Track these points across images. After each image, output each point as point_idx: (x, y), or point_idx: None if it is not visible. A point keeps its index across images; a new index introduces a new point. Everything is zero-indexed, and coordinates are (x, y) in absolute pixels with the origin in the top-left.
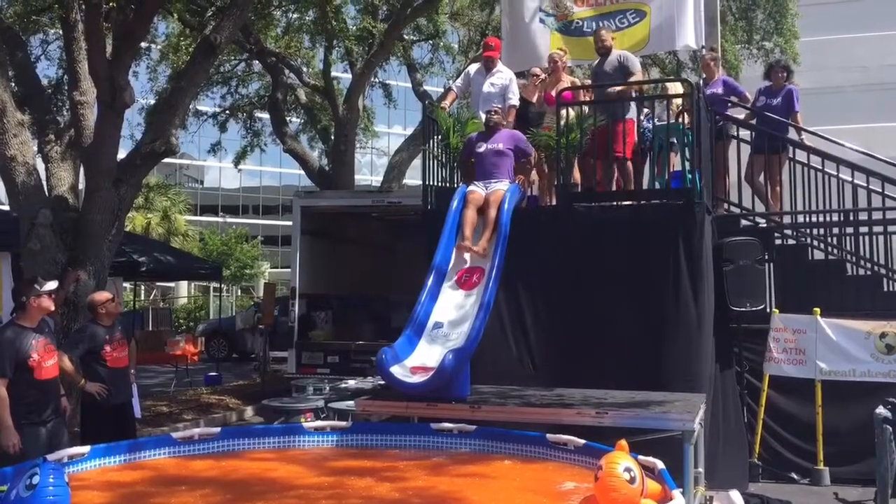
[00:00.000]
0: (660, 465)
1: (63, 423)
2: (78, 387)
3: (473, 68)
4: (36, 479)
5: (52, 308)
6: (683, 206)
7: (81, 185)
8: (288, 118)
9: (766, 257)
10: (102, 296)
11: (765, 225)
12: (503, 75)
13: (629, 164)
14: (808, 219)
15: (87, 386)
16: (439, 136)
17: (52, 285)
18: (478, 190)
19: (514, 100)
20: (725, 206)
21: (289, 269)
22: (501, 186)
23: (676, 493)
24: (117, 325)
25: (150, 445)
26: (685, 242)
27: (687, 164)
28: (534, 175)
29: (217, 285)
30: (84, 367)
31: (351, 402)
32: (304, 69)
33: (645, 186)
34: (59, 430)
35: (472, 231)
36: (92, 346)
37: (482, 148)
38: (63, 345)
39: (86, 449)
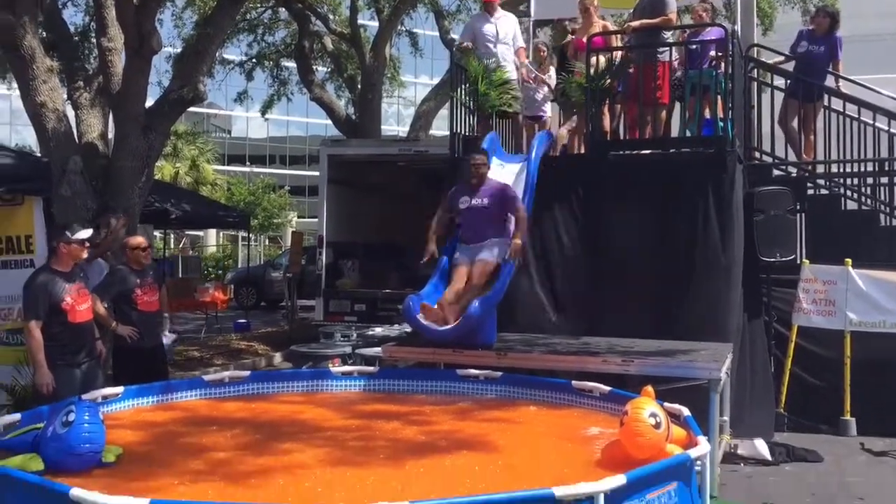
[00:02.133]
0: (685, 412)
1: (98, 365)
2: (110, 329)
3: (474, 18)
4: (72, 417)
5: (83, 256)
6: (715, 155)
7: (111, 133)
8: (315, 67)
9: (798, 207)
10: (136, 240)
11: (797, 174)
12: (509, 19)
13: (664, 111)
14: (841, 168)
15: (118, 329)
16: (467, 84)
17: (84, 233)
18: (463, 266)
19: (521, 41)
20: (758, 154)
21: (316, 219)
22: (489, 257)
23: (702, 438)
24: (149, 269)
25: (181, 387)
26: (716, 191)
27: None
28: (564, 131)
29: (245, 234)
30: (116, 311)
31: (378, 349)
32: (331, 17)
33: (676, 134)
34: (93, 372)
35: (457, 298)
36: (123, 289)
37: (465, 204)
38: (95, 288)
39: (119, 389)
